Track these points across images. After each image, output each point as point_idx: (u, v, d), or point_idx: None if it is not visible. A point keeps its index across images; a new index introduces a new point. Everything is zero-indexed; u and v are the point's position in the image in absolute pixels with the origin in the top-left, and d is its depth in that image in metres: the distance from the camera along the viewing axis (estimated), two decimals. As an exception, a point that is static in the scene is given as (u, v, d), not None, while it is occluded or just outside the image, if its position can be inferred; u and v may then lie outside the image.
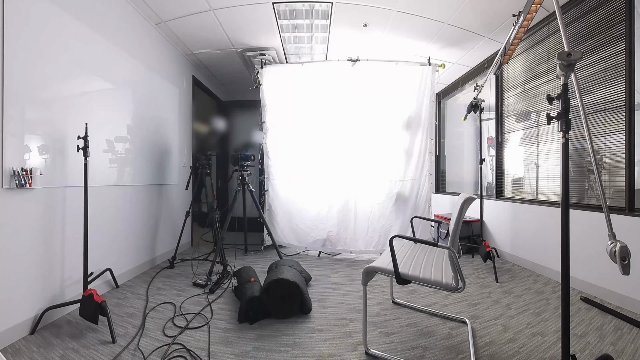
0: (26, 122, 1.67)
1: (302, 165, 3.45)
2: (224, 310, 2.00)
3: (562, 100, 1.20)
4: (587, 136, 1.23)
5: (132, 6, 2.57)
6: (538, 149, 2.95)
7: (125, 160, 2.51)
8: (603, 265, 2.00)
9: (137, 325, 1.77)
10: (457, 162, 4.84)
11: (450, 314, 1.92)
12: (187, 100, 3.76)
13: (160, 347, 1.54)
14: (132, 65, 2.60)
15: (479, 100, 3.05)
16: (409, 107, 3.37)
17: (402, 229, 3.29)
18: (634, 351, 1.49)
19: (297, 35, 3.24)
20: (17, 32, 1.59)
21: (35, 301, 1.71)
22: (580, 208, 2.33)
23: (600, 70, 2.27)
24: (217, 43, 3.38)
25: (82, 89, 2.04)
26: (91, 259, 1.92)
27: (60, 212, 1.88)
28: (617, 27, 2.16)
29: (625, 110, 2.09)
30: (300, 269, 2.20)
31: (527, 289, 2.36)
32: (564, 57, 1.14)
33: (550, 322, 1.82)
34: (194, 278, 2.51)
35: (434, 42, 3.27)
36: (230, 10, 2.76)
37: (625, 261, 1.08)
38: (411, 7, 2.69)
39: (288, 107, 3.44)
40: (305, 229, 3.44)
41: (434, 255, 1.75)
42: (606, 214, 1.19)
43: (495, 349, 1.55)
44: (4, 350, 1.48)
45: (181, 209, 3.40)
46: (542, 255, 2.72)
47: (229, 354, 1.50)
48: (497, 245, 3.32)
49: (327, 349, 1.56)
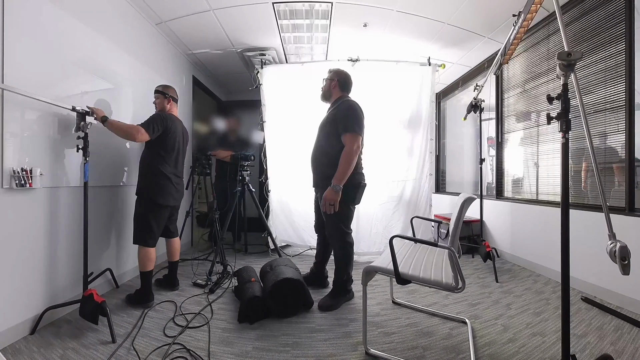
0: (26, 122, 1.67)
1: (302, 165, 3.43)
2: (224, 310, 2.00)
3: (562, 100, 1.20)
4: (587, 136, 1.23)
5: (132, 6, 2.57)
6: (538, 149, 2.95)
7: (125, 160, 2.51)
8: (603, 265, 1.99)
9: (138, 325, 1.77)
10: (457, 162, 4.84)
11: (450, 314, 1.92)
12: (187, 100, 3.76)
13: (160, 347, 1.54)
14: (132, 65, 2.59)
15: (479, 100, 3.05)
16: (409, 107, 3.36)
17: (403, 229, 3.29)
18: (634, 351, 1.49)
19: (297, 35, 3.24)
20: (18, 32, 1.59)
21: (35, 301, 1.71)
22: (580, 208, 2.33)
23: (600, 70, 2.27)
24: (217, 43, 3.38)
25: (82, 89, 2.04)
26: (91, 259, 1.92)
27: (60, 212, 1.88)
28: (617, 27, 2.16)
29: (625, 110, 2.09)
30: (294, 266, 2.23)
31: (527, 289, 2.36)
32: (564, 57, 1.14)
33: (550, 322, 1.82)
34: (194, 278, 2.51)
35: (434, 42, 3.27)
36: (230, 10, 2.76)
37: (625, 261, 1.09)
38: (411, 7, 2.69)
39: (288, 107, 3.43)
40: (307, 229, 3.43)
41: (434, 255, 1.75)
42: (606, 214, 1.19)
43: (495, 349, 1.55)
44: (4, 350, 1.48)
45: (181, 209, 3.39)
46: (542, 255, 2.72)
47: (229, 354, 1.51)
48: (497, 245, 3.32)
49: (327, 349, 1.56)
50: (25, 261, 1.66)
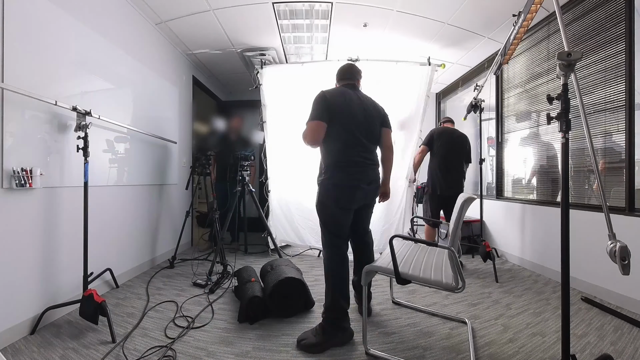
0: (26, 122, 1.67)
1: (302, 165, 3.44)
2: (224, 310, 2.00)
3: (562, 100, 1.20)
4: (587, 136, 1.23)
5: (132, 6, 2.57)
6: (538, 149, 2.95)
7: (125, 160, 2.51)
8: (603, 265, 1.99)
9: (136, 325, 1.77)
10: (457, 162, 4.82)
11: (450, 314, 1.92)
12: (187, 100, 3.76)
13: (157, 350, 1.54)
14: (132, 65, 2.59)
15: (479, 100, 3.05)
16: (409, 107, 3.36)
17: (402, 229, 3.28)
18: (634, 351, 1.49)
19: (297, 35, 3.24)
20: (18, 32, 1.59)
21: (35, 301, 1.71)
22: (580, 208, 2.33)
23: (600, 70, 2.27)
24: (217, 43, 3.38)
25: (82, 89, 2.04)
26: (91, 259, 1.92)
27: (61, 212, 1.87)
28: (617, 27, 2.16)
29: (625, 110, 2.09)
30: (295, 267, 2.23)
31: (527, 289, 2.36)
32: (564, 57, 1.14)
33: (550, 322, 1.82)
34: (194, 278, 2.51)
35: (434, 42, 3.27)
36: (230, 10, 2.76)
37: (625, 261, 1.09)
38: (411, 7, 2.69)
39: (288, 107, 3.43)
40: (307, 229, 3.43)
41: (434, 255, 1.75)
42: (606, 214, 1.19)
43: (495, 349, 1.55)
44: (4, 350, 1.48)
45: (181, 209, 3.41)
46: (542, 255, 2.72)
47: (229, 354, 1.50)
48: (497, 245, 3.32)
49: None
50: (25, 261, 1.66)
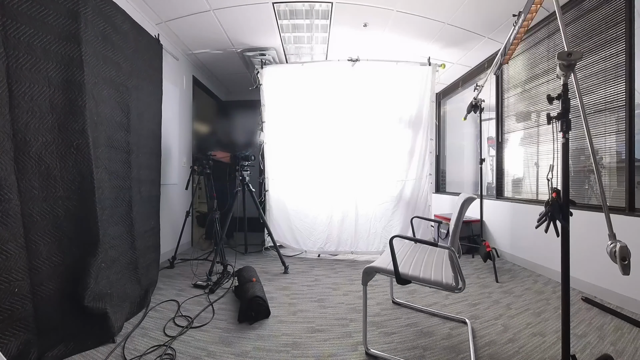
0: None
1: (302, 166, 3.44)
2: (224, 310, 2.00)
3: (562, 101, 1.20)
4: (587, 136, 1.23)
5: (132, 6, 2.57)
6: (538, 149, 2.95)
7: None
8: (603, 265, 1.99)
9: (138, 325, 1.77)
10: (457, 162, 4.84)
11: (450, 314, 1.92)
12: (187, 100, 3.76)
13: (156, 350, 1.54)
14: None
15: (479, 100, 3.05)
16: (410, 107, 3.37)
17: (402, 229, 3.29)
18: (634, 351, 1.49)
19: (297, 35, 3.24)
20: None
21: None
22: (580, 208, 2.33)
23: (600, 70, 2.27)
24: (217, 43, 3.38)
25: (82, 89, 2.03)
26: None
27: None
28: (617, 27, 2.16)
29: (625, 110, 2.10)
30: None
31: (527, 289, 2.36)
32: (564, 57, 1.14)
33: (551, 322, 1.82)
34: (194, 279, 2.50)
35: (434, 42, 3.27)
36: (230, 10, 2.76)
37: (625, 261, 1.08)
38: (411, 7, 2.69)
39: (288, 107, 3.43)
40: (303, 231, 3.42)
41: (434, 255, 1.75)
42: (606, 214, 1.19)
43: (496, 349, 1.55)
44: (4, 350, 1.48)
45: (181, 209, 3.40)
46: (542, 255, 2.72)
47: (229, 354, 1.51)
48: (497, 245, 3.31)
49: (327, 349, 1.56)
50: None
